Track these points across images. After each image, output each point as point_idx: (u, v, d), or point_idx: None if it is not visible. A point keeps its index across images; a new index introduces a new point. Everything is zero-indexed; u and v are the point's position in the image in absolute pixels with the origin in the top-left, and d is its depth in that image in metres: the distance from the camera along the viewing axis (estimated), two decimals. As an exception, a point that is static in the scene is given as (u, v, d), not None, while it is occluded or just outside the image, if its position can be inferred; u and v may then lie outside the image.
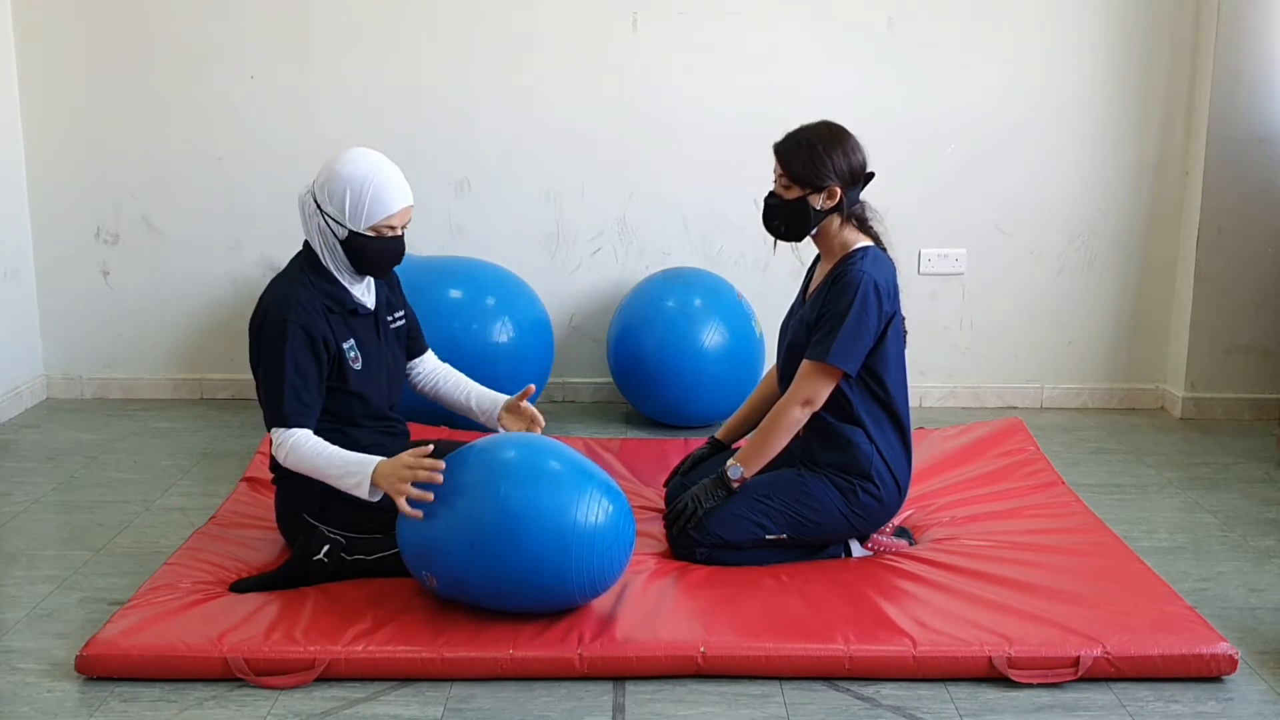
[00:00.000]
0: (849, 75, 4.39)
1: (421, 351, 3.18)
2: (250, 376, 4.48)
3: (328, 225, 2.80)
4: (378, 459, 2.64)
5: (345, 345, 2.84)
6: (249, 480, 3.38)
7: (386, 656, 2.47)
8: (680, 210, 4.51)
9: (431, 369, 3.19)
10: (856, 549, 3.00)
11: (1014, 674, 2.46)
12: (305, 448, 2.70)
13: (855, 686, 2.48)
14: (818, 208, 2.90)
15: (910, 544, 3.07)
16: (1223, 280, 4.39)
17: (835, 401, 2.91)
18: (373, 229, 2.79)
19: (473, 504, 2.54)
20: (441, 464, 2.56)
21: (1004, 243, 4.52)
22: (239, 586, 2.77)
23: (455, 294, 4.01)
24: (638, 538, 3.06)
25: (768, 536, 2.89)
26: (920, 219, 4.47)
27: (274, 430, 2.74)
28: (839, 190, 2.89)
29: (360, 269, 2.87)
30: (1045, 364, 4.62)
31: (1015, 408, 4.59)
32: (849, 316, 2.83)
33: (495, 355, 3.93)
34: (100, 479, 3.70)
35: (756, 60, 4.37)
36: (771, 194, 2.96)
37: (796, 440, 2.95)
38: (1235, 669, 2.50)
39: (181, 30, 4.36)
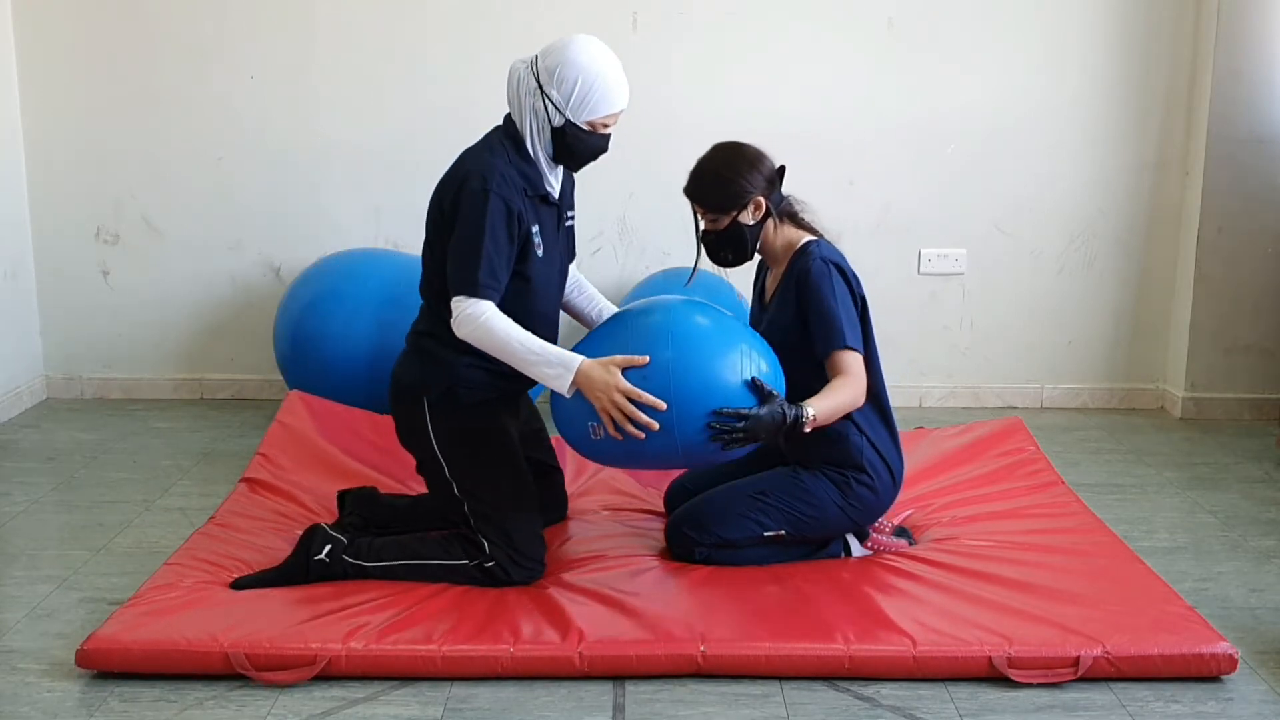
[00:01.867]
0: (849, 75, 4.39)
1: (572, 258, 3.11)
2: (249, 376, 4.57)
3: (544, 107, 2.73)
4: (582, 357, 2.60)
5: (533, 229, 2.77)
6: (248, 481, 3.38)
7: (387, 654, 2.47)
8: (680, 210, 4.45)
9: (573, 276, 3.13)
10: (856, 548, 3.00)
11: (1014, 674, 2.45)
12: (498, 321, 2.63)
13: (855, 686, 2.47)
14: (751, 223, 2.93)
15: (910, 544, 3.07)
16: (1223, 280, 4.39)
17: (816, 386, 2.88)
18: (589, 123, 2.76)
19: (639, 374, 2.60)
20: (662, 405, 2.56)
21: (1004, 243, 4.52)
22: (239, 584, 2.77)
23: (455, 294, 4.00)
24: (636, 539, 3.09)
25: (765, 534, 2.89)
26: (920, 219, 4.47)
27: (458, 298, 2.65)
28: (762, 200, 2.92)
29: (561, 159, 2.83)
30: (1045, 364, 4.62)
31: (1015, 408, 4.59)
32: (832, 303, 2.84)
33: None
34: (100, 479, 3.70)
35: (756, 60, 4.37)
36: (705, 231, 2.98)
37: (787, 442, 2.93)
38: (1235, 669, 2.49)
39: (181, 30, 4.36)
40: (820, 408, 2.76)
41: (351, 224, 4.48)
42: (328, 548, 2.79)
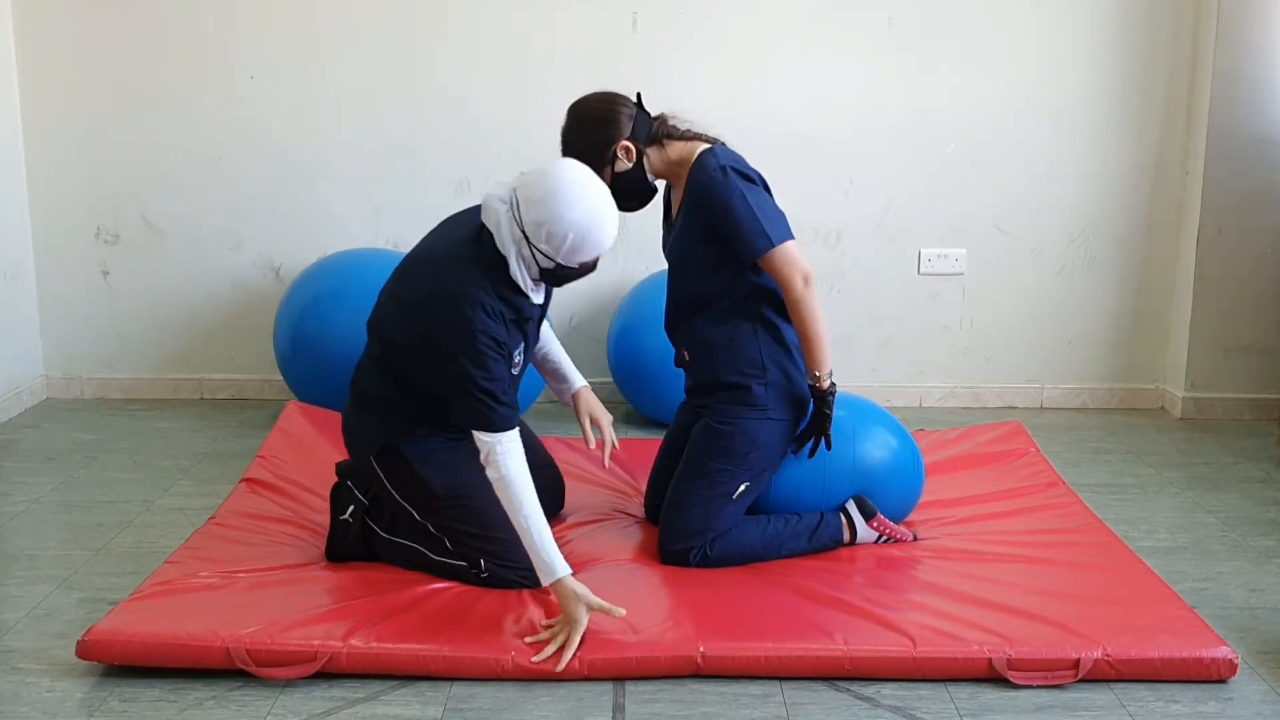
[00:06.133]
0: (849, 75, 4.39)
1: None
2: (249, 376, 4.58)
3: (533, 254, 2.60)
4: (568, 571, 2.52)
5: (515, 352, 2.68)
6: (249, 481, 3.38)
7: (388, 651, 2.48)
8: (680, 210, 4.49)
9: (545, 335, 3.07)
10: (863, 531, 3.00)
11: (1014, 675, 2.45)
12: (518, 487, 2.56)
13: (855, 686, 2.47)
14: (629, 167, 2.89)
15: (913, 539, 3.07)
16: (1223, 280, 4.39)
17: (717, 297, 2.94)
18: (580, 263, 2.63)
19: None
20: (621, 611, 2.51)
21: (1004, 243, 4.52)
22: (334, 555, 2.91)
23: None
24: (634, 542, 3.09)
25: (734, 496, 2.89)
26: (920, 219, 4.47)
27: (481, 436, 2.58)
28: (627, 144, 2.88)
29: (551, 285, 2.74)
30: (1045, 364, 4.62)
31: (1015, 408, 4.59)
32: (743, 208, 2.81)
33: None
34: (100, 479, 3.70)
35: (756, 60, 4.37)
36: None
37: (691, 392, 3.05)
38: (1235, 673, 2.49)
39: (181, 29, 4.36)
40: (818, 358, 2.85)
41: (351, 224, 4.48)
42: (351, 508, 2.86)
